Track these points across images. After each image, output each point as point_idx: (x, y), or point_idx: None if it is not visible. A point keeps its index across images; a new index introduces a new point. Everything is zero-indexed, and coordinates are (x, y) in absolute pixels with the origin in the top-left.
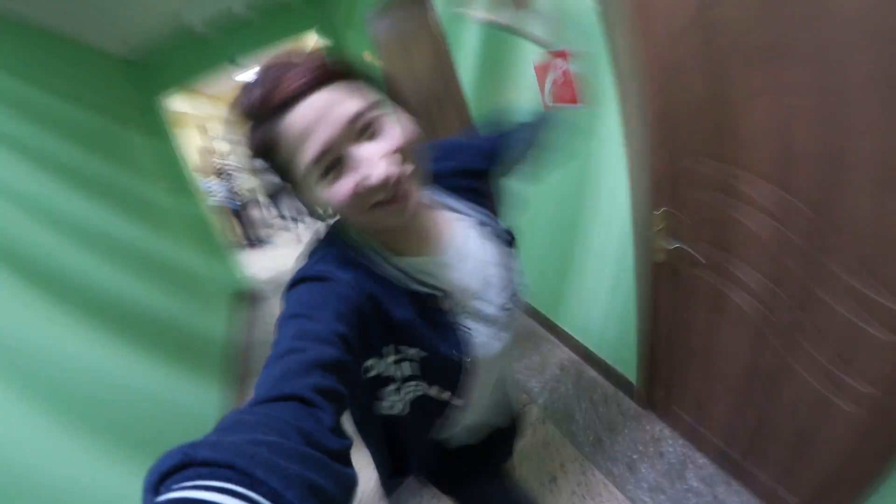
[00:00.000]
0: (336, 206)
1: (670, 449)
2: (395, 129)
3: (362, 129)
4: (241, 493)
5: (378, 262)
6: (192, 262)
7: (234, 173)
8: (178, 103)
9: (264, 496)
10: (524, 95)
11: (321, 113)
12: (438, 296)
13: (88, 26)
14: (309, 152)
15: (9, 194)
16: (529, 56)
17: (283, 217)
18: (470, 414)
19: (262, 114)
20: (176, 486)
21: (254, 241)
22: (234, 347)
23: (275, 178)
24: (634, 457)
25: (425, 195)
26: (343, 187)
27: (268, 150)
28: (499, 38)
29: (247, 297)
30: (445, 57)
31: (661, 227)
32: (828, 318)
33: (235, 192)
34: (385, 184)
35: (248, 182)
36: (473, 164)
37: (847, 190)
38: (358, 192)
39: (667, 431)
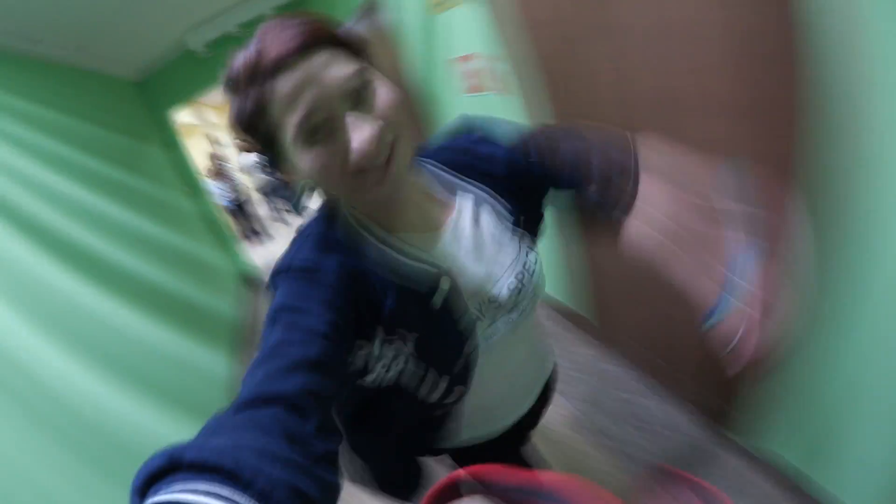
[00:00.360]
0: (320, 172)
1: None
2: (384, 96)
3: (351, 93)
4: (227, 496)
5: (368, 241)
6: (205, 252)
7: (234, 174)
8: (185, 116)
9: (249, 500)
10: (452, 85)
11: (310, 75)
12: (433, 273)
13: (101, 57)
14: (296, 114)
15: (59, 202)
16: (453, 52)
17: (277, 212)
18: (480, 403)
19: (249, 78)
20: (163, 490)
21: (253, 235)
22: (239, 322)
23: (259, 153)
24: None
25: (417, 167)
26: (331, 151)
27: (254, 116)
28: (432, 39)
29: (250, 282)
30: (397, 60)
31: None
32: None
33: (235, 191)
34: (372, 150)
35: (246, 181)
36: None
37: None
38: (347, 158)
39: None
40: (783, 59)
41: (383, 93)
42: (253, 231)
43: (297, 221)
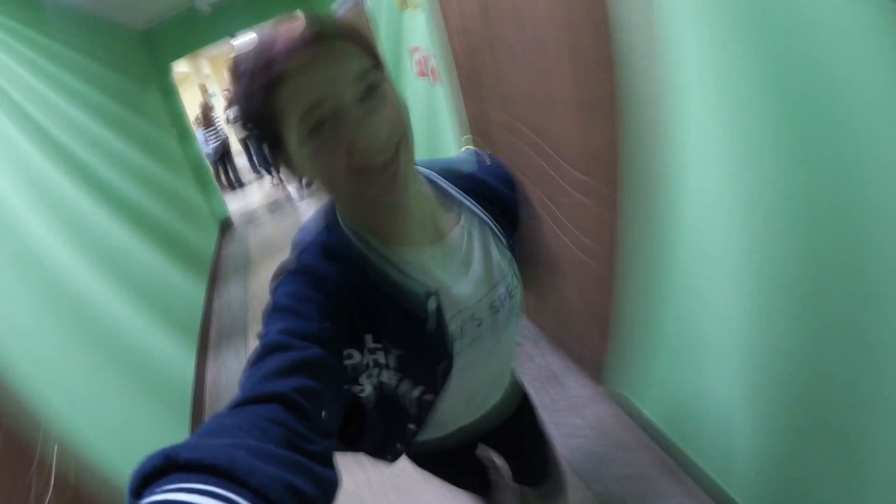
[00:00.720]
0: (323, 167)
1: None
2: (392, 97)
3: (360, 89)
4: (223, 495)
5: (366, 253)
6: (192, 194)
7: (220, 125)
8: (182, 66)
9: (246, 499)
10: (409, 70)
11: (323, 66)
12: (421, 293)
13: (114, 7)
14: (303, 105)
15: (74, 128)
16: (410, 43)
17: (255, 167)
18: (451, 409)
19: (259, 64)
20: (158, 490)
21: (233, 184)
22: (215, 258)
23: (264, 143)
24: None
25: (418, 175)
26: (335, 143)
27: (260, 105)
28: (398, 31)
29: (224, 225)
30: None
31: None
32: (569, 207)
33: (219, 141)
34: (378, 147)
35: (231, 134)
36: (493, 183)
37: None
38: (351, 152)
39: None
40: (603, 66)
41: (391, 94)
42: (230, 180)
43: (267, 178)
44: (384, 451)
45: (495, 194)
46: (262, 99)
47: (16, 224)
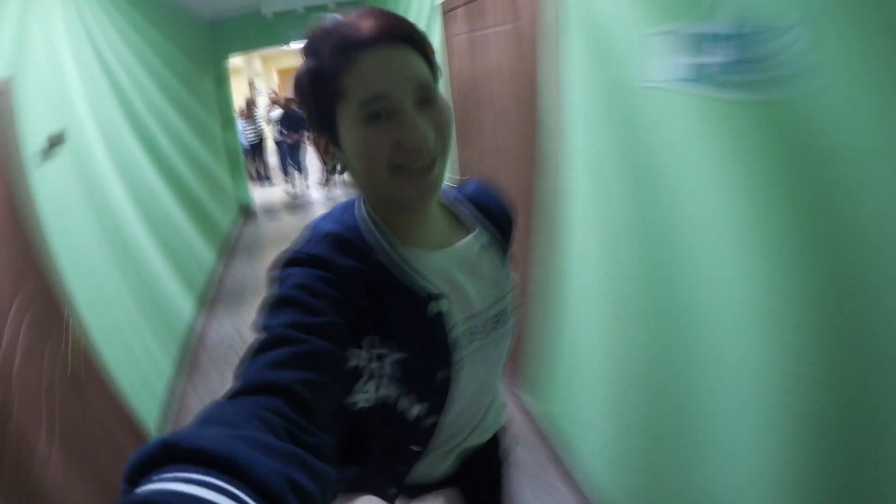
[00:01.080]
0: (366, 152)
1: None
2: (443, 111)
3: (422, 96)
4: (223, 486)
5: (382, 249)
6: (224, 177)
7: (259, 120)
8: (237, 60)
9: (245, 491)
10: None
11: (395, 64)
12: (433, 294)
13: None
14: (367, 92)
15: (145, 98)
16: None
17: (283, 168)
18: (444, 432)
19: (336, 42)
20: (156, 478)
21: (261, 178)
22: (232, 235)
23: (310, 117)
24: None
25: (445, 188)
26: (385, 135)
27: (324, 79)
28: None
29: (245, 212)
30: None
31: None
32: None
33: (255, 135)
34: (424, 150)
35: (267, 130)
36: (498, 213)
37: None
38: (397, 148)
39: None
40: (532, 131)
41: (444, 108)
42: (258, 173)
43: (293, 178)
44: (386, 482)
45: (498, 215)
46: (332, 72)
47: (95, 168)
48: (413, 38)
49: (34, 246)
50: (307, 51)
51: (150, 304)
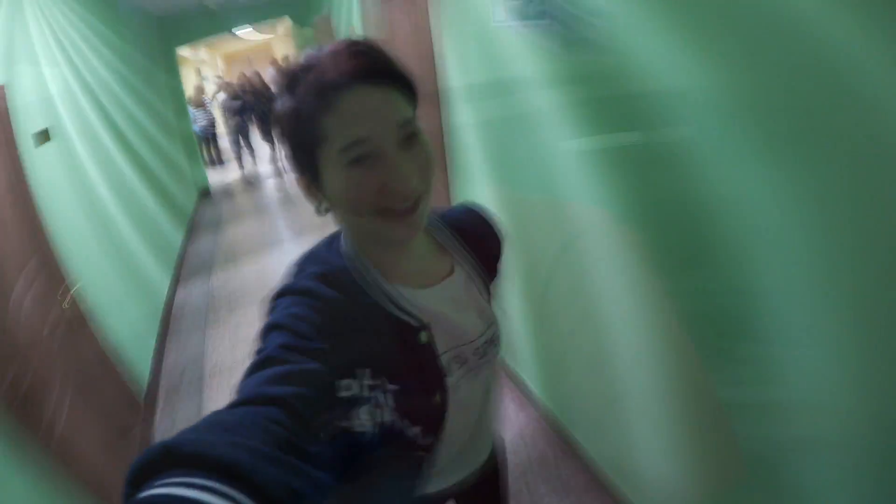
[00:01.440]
0: (350, 195)
1: None
2: (426, 151)
3: (403, 134)
4: (224, 491)
5: (367, 284)
6: (182, 163)
7: (210, 107)
8: (185, 50)
9: (245, 496)
10: None
11: (375, 104)
12: (419, 327)
13: None
14: (349, 136)
15: (108, 91)
16: None
17: (235, 149)
18: (441, 454)
19: (315, 83)
20: (158, 483)
21: (214, 162)
22: (193, 216)
23: (291, 155)
24: None
25: (432, 225)
26: (369, 180)
27: (304, 120)
28: None
29: (204, 193)
30: None
31: None
32: None
33: (209, 123)
34: (407, 193)
35: (217, 116)
36: (490, 241)
37: None
38: (381, 192)
39: None
40: (429, 66)
41: (426, 148)
42: (213, 158)
43: (246, 160)
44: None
45: (486, 243)
46: (311, 114)
47: (75, 160)
48: (392, 74)
49: (36, 225)
50: (285, 89)
51: (128, 274)
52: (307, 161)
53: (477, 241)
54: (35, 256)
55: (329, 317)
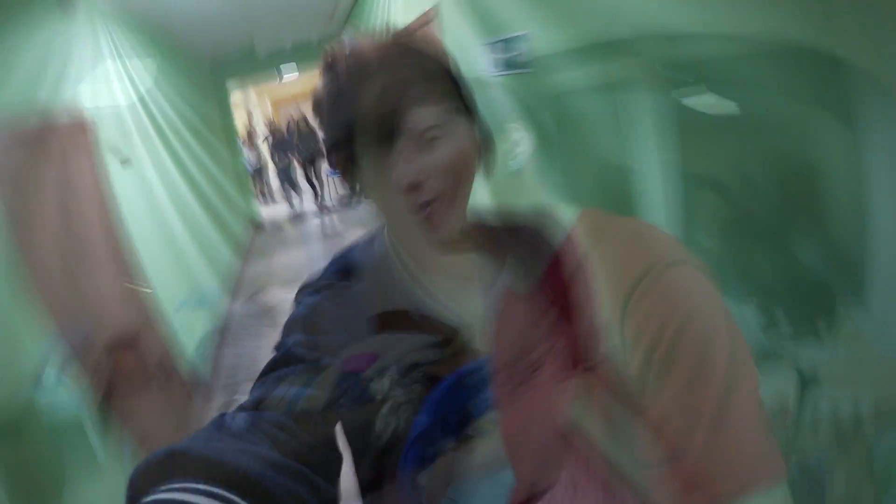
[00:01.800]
0: (382, 189)
1: None
2: (458, 143)
3: (428, 137)
4: (229, 497)
5: (401, 274)
6: (235, 196)
7: (259, 146)
8: (237, 95)
9: (250, 503)
10: None
11: (407, 102)
12: (454, 324)
13: (195, 40)
14: (381, 116)
15: (174, 129)
16: None
17: (282, 186)
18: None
19: (346, 88)
20: (164, 488)
21: (262, 196)
22: (244, 244)
23: (327, 139)
24: None
25: (470, 229)
26: (397, 160)
27: (344, 96)
28: None
29: (254, 224)
30: None
31: None
32: None
33: (257, 159)
34: (434, 187)
35: (268, 155)
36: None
37: None
38: (411, 175)
39: None
40: None
41: (460, 138)
42: (262, 192)
43: (294, 200)
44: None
45: (540, 249)
46: (348, 92)
47: (149, 187)
48: (432, 60)
49: (121, 235)
50: (325, 70)
51: (190, 289)
52: (344, 138)
53: (533, 253)
54: (118, 268)
55: (357, 311)
